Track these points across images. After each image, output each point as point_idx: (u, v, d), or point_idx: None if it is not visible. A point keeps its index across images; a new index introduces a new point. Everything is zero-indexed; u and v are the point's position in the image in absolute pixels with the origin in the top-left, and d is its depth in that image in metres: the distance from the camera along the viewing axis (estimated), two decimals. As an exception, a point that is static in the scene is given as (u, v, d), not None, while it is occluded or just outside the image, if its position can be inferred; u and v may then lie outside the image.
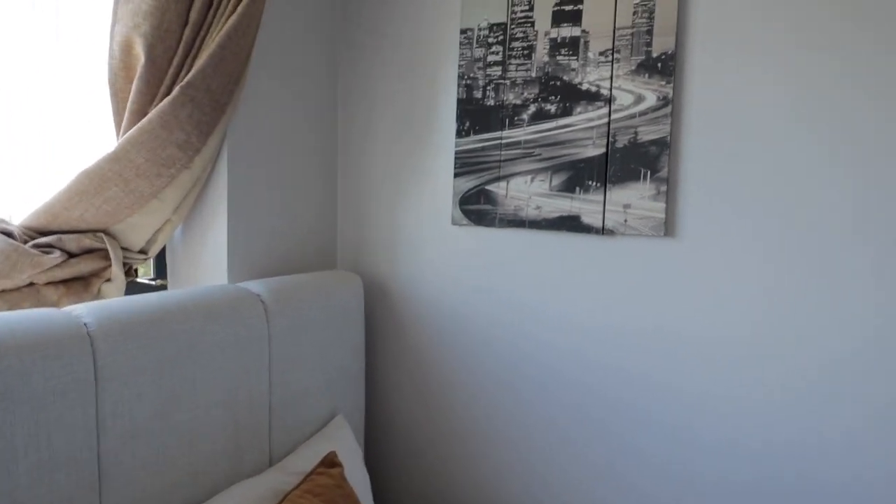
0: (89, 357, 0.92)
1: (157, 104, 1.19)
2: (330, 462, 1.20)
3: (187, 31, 1.22)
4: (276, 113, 1.51)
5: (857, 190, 1.15)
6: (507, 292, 1.50)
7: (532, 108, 1.40)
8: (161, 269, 1.54)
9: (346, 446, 1.37)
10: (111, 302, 1.04)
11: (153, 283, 1.53)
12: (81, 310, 0.98)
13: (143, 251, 1.31)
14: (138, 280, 1.49)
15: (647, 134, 1.28)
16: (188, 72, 1.21)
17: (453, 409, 1.60)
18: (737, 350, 1.25)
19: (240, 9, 1.22)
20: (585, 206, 1.35)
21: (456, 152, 1.51)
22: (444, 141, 1.55)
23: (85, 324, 0.94)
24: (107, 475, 0.95)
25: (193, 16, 1.22)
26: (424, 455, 1.66)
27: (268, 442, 1.29)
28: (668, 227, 1.29)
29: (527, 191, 1.42)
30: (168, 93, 1.20)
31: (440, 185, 1.57)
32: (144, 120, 1.17)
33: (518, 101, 1.42)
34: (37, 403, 0.85)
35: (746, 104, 1.22)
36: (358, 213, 1.72)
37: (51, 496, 0.86)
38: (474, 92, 1.47)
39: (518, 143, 1.42)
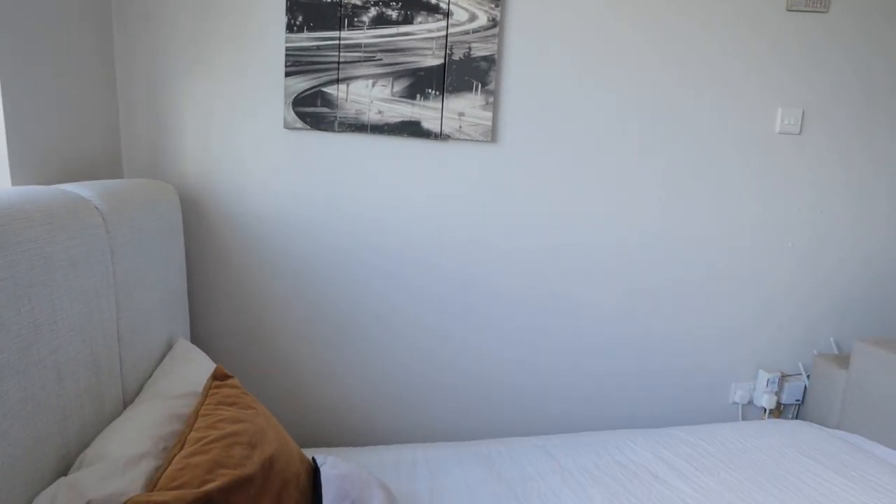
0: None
1: None
2: (222, 375, 1.11)
3: None
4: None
5: (642, 109, 1.63)
6: (346, 199, 1.54)
7: (373, 12, 1.44)
8: None
9: (208, 367, 1.25)
10: None
11: None
12: None
13: None
14: None
15: (479, 50, 1.49)
16: None
17: (283, 329, 1.59)
18: (534, 222, 1.65)
19: None
20: (426, 112, 1.50)
21: (287, 49, 1.43)
22: (270, 35, 1.44)
23: None
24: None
25: None
26: (248, 378, 1.61)
27: (120, 376, 1.08)
28: (493, 133, 1.57)
29: (368, 95, 1.48)
30: None
31: (267, 83, 1.46)
32: None
33: (358, 2, 1.43)
34: None
35: (557, 33, 1.55)
36: (151, 112, 1.44)
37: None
38: (309, -16, 1.41)
39: (359, 45, 1.45)
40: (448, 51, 1.48)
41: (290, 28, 1.42)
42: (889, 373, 1.60)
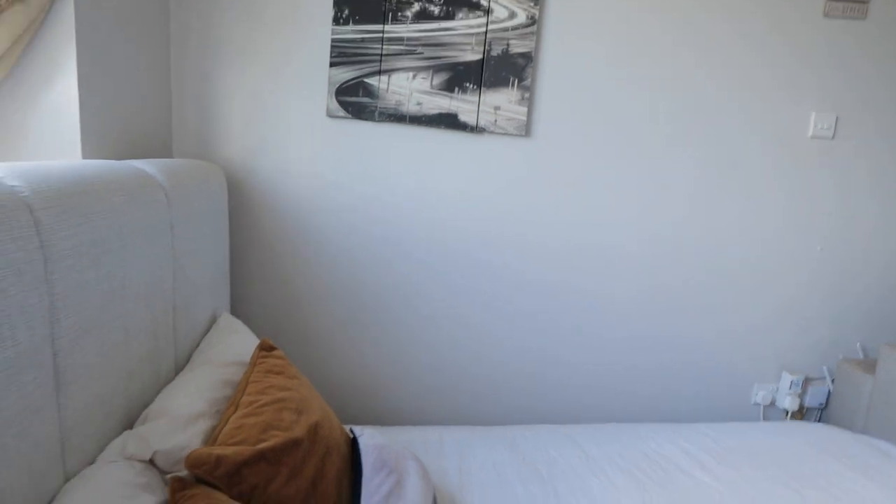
0: (33, 230, 0.72)
1: None
2: (268, 346, 1.17)
3: None
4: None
5: (674, 109, 1.66)
6: (383, 187, 1.60)
7: (416, 7, 1.49)
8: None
9: (252, 340, 1.32)
10: (32, 165, 0.79)
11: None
12: (3, 171, 0.73)
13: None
14: None
15: (517, 47, 1.54)
16: None
17: (317, 310, 1.65)
18: (564, 217, 1.70)
19: None
20: (463, 105, 1.55)
21: (333, 40, 1.49)
22: (318, 26, 1.50)
23: (14, 187, 0.72)
24: (64, 377, 0.77)
25: None
26: (290, 355, 1.67)
27: (174, 343, 1.15)
28: (528, 128, 1.61)
29: (408, 87, 1.53)
30: None
31: (313, 73, 1.52)
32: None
33: (403, -2, 1.49)
34: None
35: (593, 32, 1.59)
36: (200, 96, 1.51)
37: (21, 402, 0.68)
38: (356, -21, 1.47)
39: (401, 39, 1.51)
40: (487, 46, 1.53)
41: (336, 20, 1.48)
42: (912, 377, 1.61)
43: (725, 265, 1.82)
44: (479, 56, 1.53)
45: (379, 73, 1.51)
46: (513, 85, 1.56)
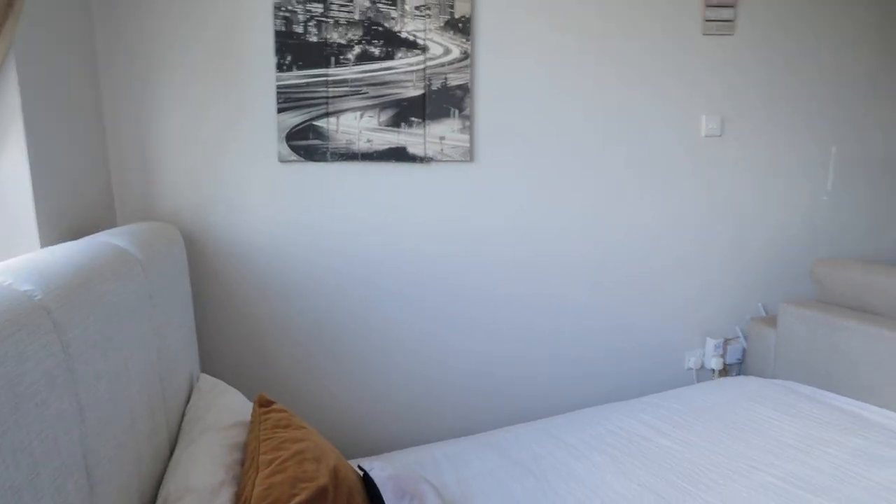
0: (54, 334, 0.70)
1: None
2: (266, 401, 1.17)
3: None
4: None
5: (596, 122, 1.83)
6: (342, 222, 1.64)
7: (357, 50, 1.55)
8: None
9: (239, 397, 1.31)
10: (27, 262, 0.76)
11: None
12: (9, 276, 0.70)
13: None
14: None
15: (455, 80, 1.64)
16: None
17: (287, 352, 1.66)
18: (510, 231, 1.83)
19: None
20: (410, 138, 1.63)
21: (278, 87, 1.51)
22: (261, 74, 1.51)
23: (27, 292, 0.70)
24: (94, 476, 0.76)
25: None
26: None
27: (165, 415, 1.13)
28: (471, 153, 1.72)
29: (357, 126, 1.58)
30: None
31: (260, 121, 1.53)
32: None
33: (343, 41, 1.53)
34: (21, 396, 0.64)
35: (520, 61, 1.73)
36: (142, 154, 1.47)
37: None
38: (294, 26, 1.49)
39: (345, 80, 1.55)
40: (427, 82, 1.62)
41: (280, 67, 1.50)
42: (808, 326, 1.91)
43: (651, 257, 2.05)
44: (420, 91, 1.61)
45: (327, 114, 1.54)
46: (454, 115, 1.66)
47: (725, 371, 2.26)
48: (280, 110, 1.51)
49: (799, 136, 2.24)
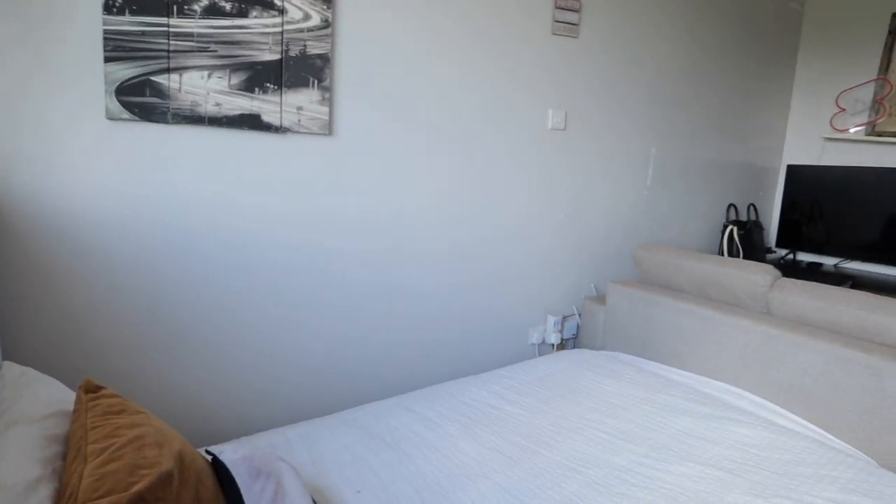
0: None
1: None
2: (94, 387, 1.03)
3: None
4: None
5: (452, 108, 1.87)
6: (184, 193, 1.49)
7: (205, 1, 1.41)
8: None
9: (54, 385, 1.14)
10: None
11: None
12: None
13: None
14: None
15: (314, 48, 1.58)
16: None
17: (114, 338, 1.48)
18: (363, 214, 1.82)
19: None
20: (265, 105, 1.54)
21: (105, 31, 1.32)
22: (83, 14, 1.30)
23: None
24: None
25: None
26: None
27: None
28: (331, 127, 1.67)
29: (204, 86, 1.45)
30: None
31: (84, 70, 1.32)
32: None
33: (188, -10, 1.39)
34: None
35: (382, 35, 1.71)
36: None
37: None
38: (128, -35, 1.32)
39: (191, 34, 1.41)
40: (284, 47, 1.53)
41: (107, 9, 1.31)
42: (630, 303, 2.20)
43: (501, 244, 2.19)
44: (277, 56, 1.53)
45: (168, 70, 1.39)
46: (313, 85, 1.60)
47: (563, 345, 2.51)
48: (108, 59, 1.33)
49: (627, 136, 2.54)
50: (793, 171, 3.41)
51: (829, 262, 3.34)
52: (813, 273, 3.05)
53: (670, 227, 2.91)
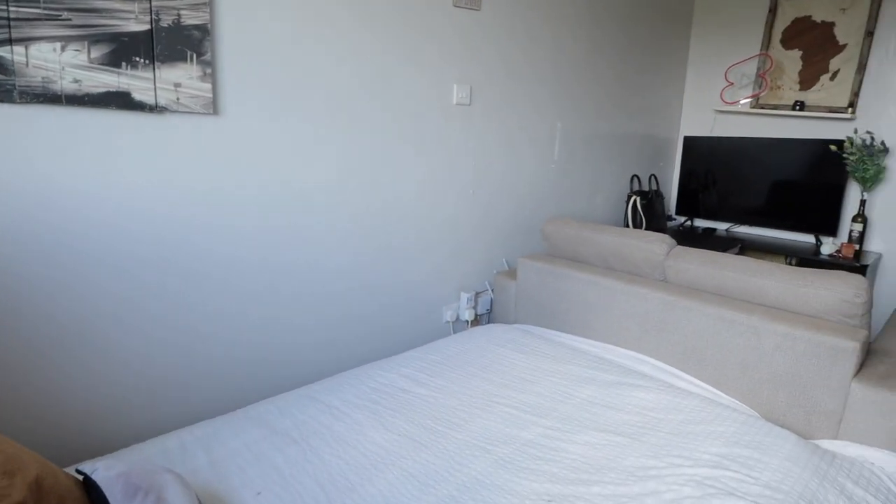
0: None
1: None
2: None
3: None
4: None
5: (352, 83, 1.77)
6: (41, 183, 1.32)
7: (50, -37, 1.23)
8: None
9: None
10: None
11: None
12: None
13: None
14: None
15: (190, 18, 1.43)
16: None
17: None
18: (259, 197, 1.72)
19: None
20: (135, 82, 1.38)
21: (-77, -4, 1.12)
22: None
23: None
24: None
25: None
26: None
27: None
28: (215, 105, 1.53)
29: (58, 60, 1.28)
30: None
31: None
32: None
33: (28, -51, 1.20)
34: None
35: (272, 8, 1.58)
36: None
37: None
38: (-53, -83, 1.12)
39: (35, 0, 1.23)
40: (154, 16, 1.38)
41: (-77, -31, 1.11)
42: (539, 277, 2.24)
43: (410, 217, 2.14)
44: (146, 26, 1.37)
45: (10, 41, 1.21)
46: (192, 60, 1.45)
47: (477, 321, 2.53)
48: (-69, 28, 1.13)
49: (532, 111, 2.56)
50: (689, 142, 3.61)
51: (721, 227, 3.59)
52: (707, 238, 3.27)
53: (578, 200, 2.99)
